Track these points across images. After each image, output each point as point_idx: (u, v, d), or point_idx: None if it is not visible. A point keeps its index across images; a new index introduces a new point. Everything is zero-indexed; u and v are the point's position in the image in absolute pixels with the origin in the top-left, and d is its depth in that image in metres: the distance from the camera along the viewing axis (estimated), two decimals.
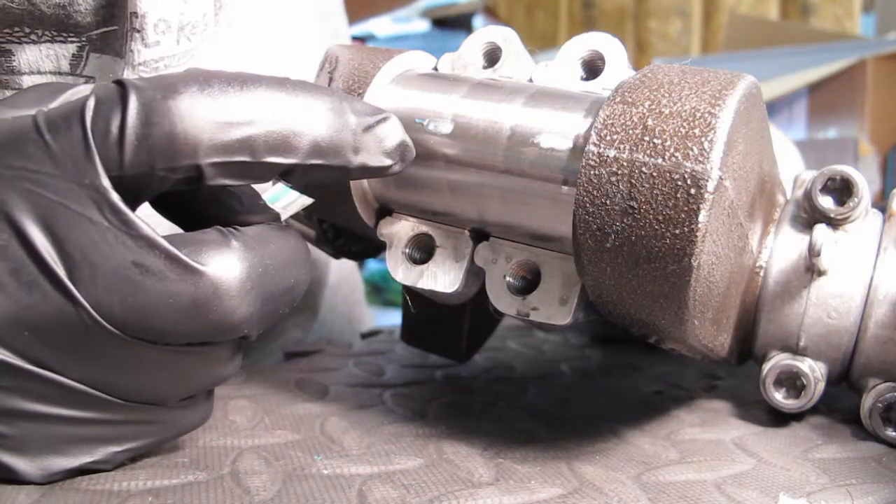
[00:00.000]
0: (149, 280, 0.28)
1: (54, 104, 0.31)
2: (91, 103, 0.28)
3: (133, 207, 0.29)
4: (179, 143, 0.28)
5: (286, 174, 0.31)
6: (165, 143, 0.28)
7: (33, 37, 0.37)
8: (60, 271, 0.27)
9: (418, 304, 0.41)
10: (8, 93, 0.38)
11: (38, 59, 0.38)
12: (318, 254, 0.62)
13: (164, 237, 0.28)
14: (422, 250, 0.38)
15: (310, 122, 0.31)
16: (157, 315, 0.28)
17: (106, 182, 0.27)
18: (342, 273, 0.73)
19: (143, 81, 0.29)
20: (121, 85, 0.28)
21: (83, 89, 0.32)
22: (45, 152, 0.28)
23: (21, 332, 0.28)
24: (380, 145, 0.32)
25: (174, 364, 0.30)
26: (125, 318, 0.28)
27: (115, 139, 0.28)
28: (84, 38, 0.38)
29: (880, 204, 0.40)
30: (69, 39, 0.38)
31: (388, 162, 0.33)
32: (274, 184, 0.33)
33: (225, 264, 0.29)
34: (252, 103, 0.30)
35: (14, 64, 0.38)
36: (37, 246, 0.27)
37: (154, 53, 0.40)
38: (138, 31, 0.39)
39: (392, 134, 0.33)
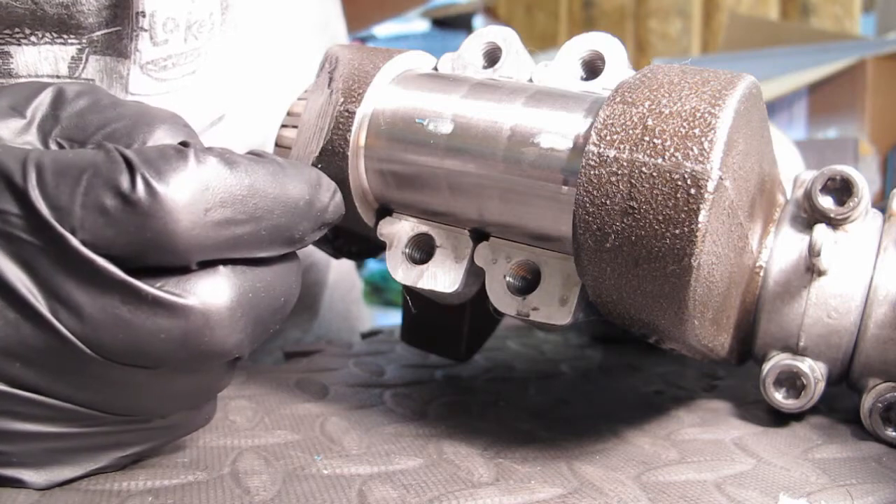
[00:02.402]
0: (137, 318, 0.27)
1: (29, 109, 0.31)
2: (87, 175, 0.27)
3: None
4: (173, 245, 0.27)
5: None
6: (158, 241, 0.27)
7: (33, 38, 0.37)
8: (44, 310, 0.27)
9: (418, 304, 0.41)
10: None
11: (37, 62, 0.38)
12: (318, 254, 0.62)
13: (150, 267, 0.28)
14: (422, 250, 0.38)
15: (292, 216, 0.30)
16: (149, 347, 0.28)
17: (76, 244, 0.26)
18: (340, 272, 0.73)
19: (145, 162, 0.27)
20: (127, 163, 0.27)
21: (61, 88, 0.31)
22: (25, 202, 0.27)
23: (12, 363, 0.27)
24: (325, 230, 0.33)
25: (168, 384, 0.30)
26: (116, 351, 0.27)
27: (108, 221, 0.27)
28: (85, 40, 0.38)
29: (880, 204, 0.40)
30: (69, 41, 0.38)
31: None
32: None
33: (213, 293, 0.28)
34: (250, 201, 0.29)
35: (12, 66, 0.38)
36: (16, 286, 0.27)
37: (162, 52, 0.40)
38: (146, 31, 0.39)
39: (339, 211, 0.33)
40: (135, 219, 0.26)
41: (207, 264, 0.28)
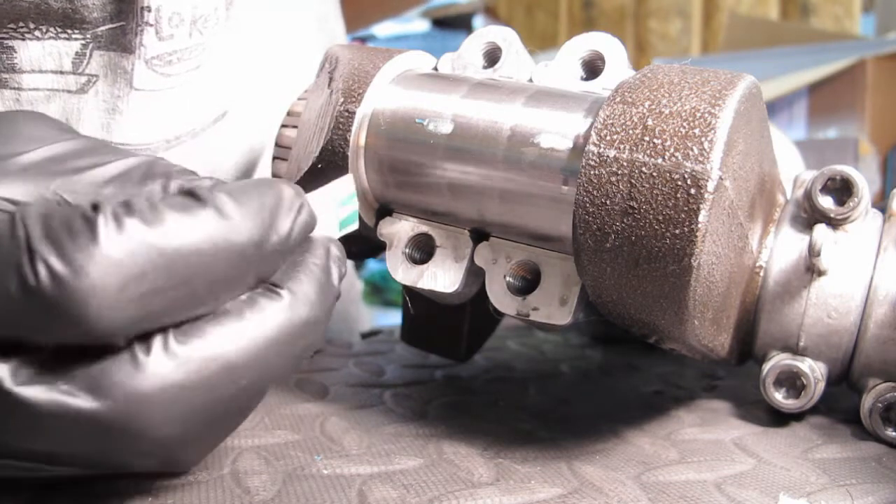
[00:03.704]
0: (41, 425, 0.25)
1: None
2: None
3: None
4: (86, 330, 0.24)
5: None
6: (69, 328, 0.24)
7: (38, 33, 0.37)
8: None
9: (418, 304, 0.41)
10: (7, 92, 0.38)
11: (41, 57, 0.38)
12: None
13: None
14: (422, 250, 0.38)
15: (239, 265, 0.27)
16: (62, 455, 0.26)
17: None
18: None
19: (46, 240, 0.24)
20: (27, 238, 0.24)
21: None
22: None
23: None
24: (297, 245, 0.29)
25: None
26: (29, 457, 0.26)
27: (12, 306, 0.24)
28: (89, 35, 0.38)
29: (880, 204, 0.40)
30: (73, 36, 0.38)
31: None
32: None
33: (132, 383, 0.25)
34: (179, 265, 0.25)
35: (16, 61, 0.38)
36: None
37: (167, 47, 0.40)
38: (151, 25, 0.39)
39: (307, 229, 0.29)
40: (40, 307, 0.24)
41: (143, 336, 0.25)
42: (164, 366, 0.25)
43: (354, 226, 0.34)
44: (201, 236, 0.26)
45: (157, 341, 0.25)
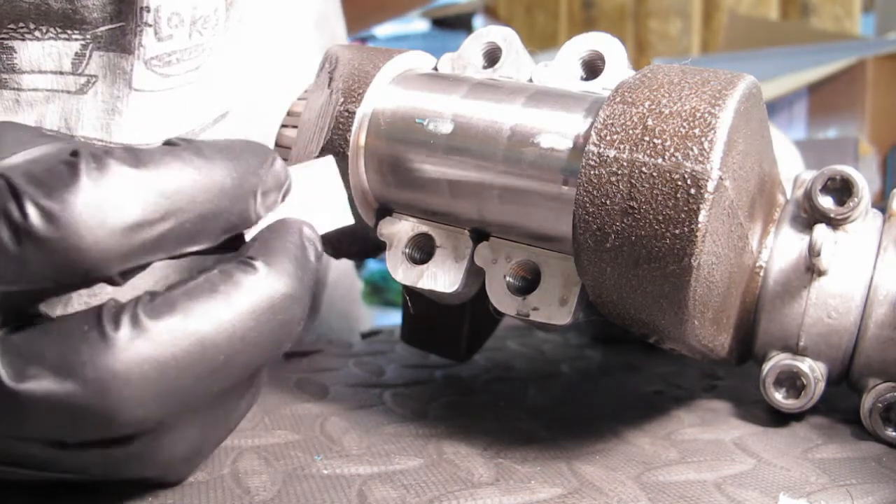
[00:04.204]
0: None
1: None
2: None
3: (28, 310, 0.26)
4: (83, 265, 0.25)
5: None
6: (66, 266, 0.25)
7: (38, 33, 0.37)
8: None
9: (418, 304, 0.41)
10: (6, 93, 0.38)
11: (41, 58, 0.38)
12: None
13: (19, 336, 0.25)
14: (422, 250, 0.38)
15: (219, 199, 0.28)
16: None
17: None
18: (340, 271, 0.73)
19: (31, 183, 0.25)
20: (12, 189, 0.24)
21: None
22: None
23: None
24: (273, 196, 0.30)
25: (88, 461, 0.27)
26: None
27: (9, 254, 0.24)
28: (89, 36, 0.38)
29: (880, 204, 0.40)
30: (73, 37, 0.38)
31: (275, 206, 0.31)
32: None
33: (103, 371, 0.24)
34: (161, 193, 0.26)
35: (16, 62, 0.38)
36: None
37: (166, 48, 0.40)
38: (150, 26, 0.39)
39: (279, 178, 0.30)
40: (35, 249, 0.24)
41: (128, 272, 0.26)
42: (134, 341, 0.25)
43: (347, 220, 0.33)
44: (181, 167, 0.27)
45: (126, 317, 0.25)
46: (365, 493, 0.31)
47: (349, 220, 0.33)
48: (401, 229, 0.38)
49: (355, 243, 0.44)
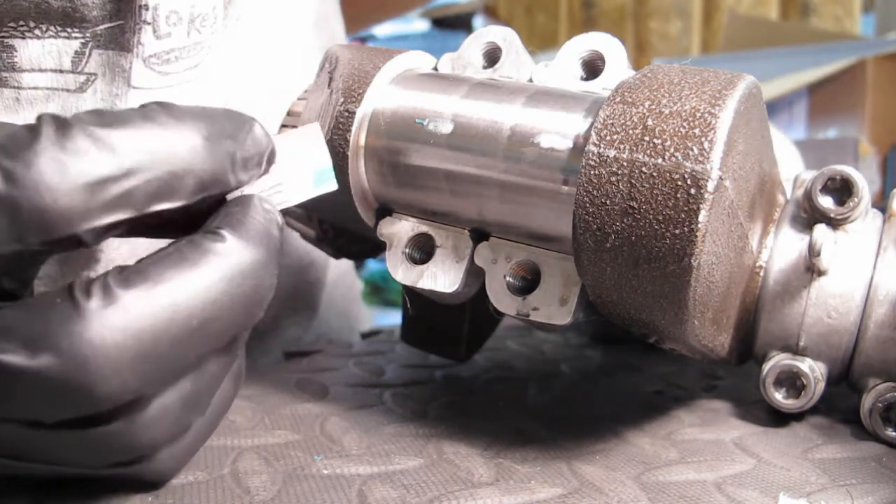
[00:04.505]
0: None
1: None
2: None
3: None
4: (47, 222, 0.25)
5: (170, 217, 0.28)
6: (35, 219, 0.25)
7: (38, 32, 0.37)
8: None
9: (418, 304, 0.41)
10: (6, 91, 0.38)
11: (41, 56, 0.38)
12: (316, 253, 0.62)
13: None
14: (422, 250, 0.38)
15: (189, 157, 0.28)
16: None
17: None
18: (339, 271, 0.73)
19: None
20: None
21: None
22: None
23: None
24: (254, 162, 0.31)
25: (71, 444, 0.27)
26: None
27: None
28: (88, 34, 0.38)
29: (880, 204, 0.40)
30: (73, 35, 0.38)
31: (259, 174, 0.31)
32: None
33: (77, 342, 0.24)
34: (124, 150, 0.26)
35: (16, 60, 0.38)
36: None
37: (164, 45, 0.40)
38: (149, 24, 0.39)
39: (259, 144, 0.31)
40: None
41: (102, 231, 0.26)
42: (106, 310, 0.25)
43: (332, 185, 0.33)
44: (149, 129, 0.27)
45: (97, 287, 0.25)
46: (365, 493, 0.31)
47: (334, 186, 0.33)
48: (401, 229, 0.38)
49: (355, 243, 0.44)
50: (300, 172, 0.33)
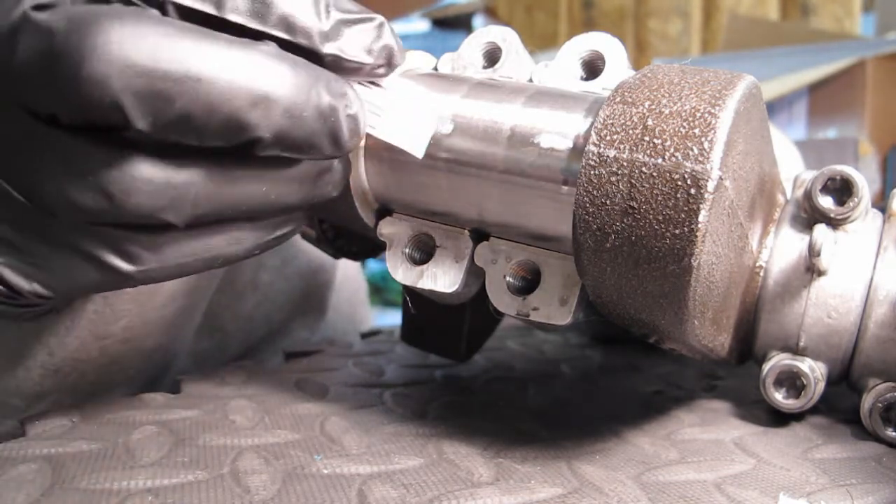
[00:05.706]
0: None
1: None
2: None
3: None
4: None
5: None
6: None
7: None
8: None
9: (418, 304, 0.41)
10: None
11: None
12: (325, 256, 0.62)
13: None
14: (422, 250, 0.38)
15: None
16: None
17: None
18: (346, 274, 0.73)
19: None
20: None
21: None
22: None
23: None
24: (360, 39, 0.30)
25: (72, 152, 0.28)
26: None
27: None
28: None
29: (880, 204, 0.40)
30: None
31: (368, 59, 0.30)
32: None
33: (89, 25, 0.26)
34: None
35: None
36: None
37: None
38: None
39: (377, 33, 0.30)
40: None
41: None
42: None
43: (419, 152, 0.34)
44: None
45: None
46: (365, 493, 0.31)
47: (419, 155, 0.34)
48: (401, 229, 0.38)
49: (356, 243, 0.44)
50: (403, 117, 0.33)
